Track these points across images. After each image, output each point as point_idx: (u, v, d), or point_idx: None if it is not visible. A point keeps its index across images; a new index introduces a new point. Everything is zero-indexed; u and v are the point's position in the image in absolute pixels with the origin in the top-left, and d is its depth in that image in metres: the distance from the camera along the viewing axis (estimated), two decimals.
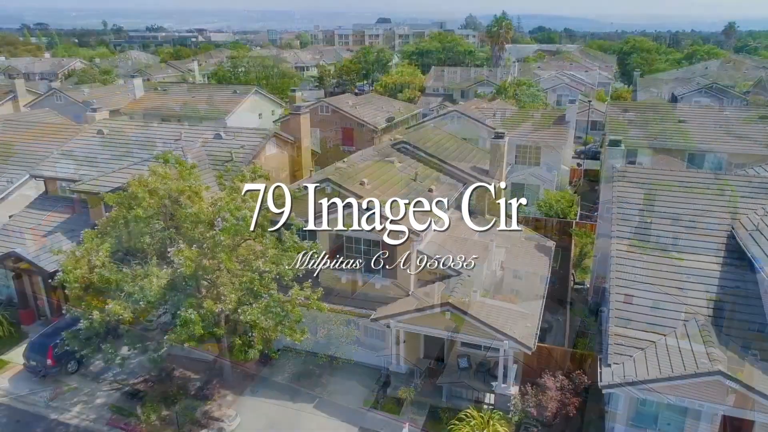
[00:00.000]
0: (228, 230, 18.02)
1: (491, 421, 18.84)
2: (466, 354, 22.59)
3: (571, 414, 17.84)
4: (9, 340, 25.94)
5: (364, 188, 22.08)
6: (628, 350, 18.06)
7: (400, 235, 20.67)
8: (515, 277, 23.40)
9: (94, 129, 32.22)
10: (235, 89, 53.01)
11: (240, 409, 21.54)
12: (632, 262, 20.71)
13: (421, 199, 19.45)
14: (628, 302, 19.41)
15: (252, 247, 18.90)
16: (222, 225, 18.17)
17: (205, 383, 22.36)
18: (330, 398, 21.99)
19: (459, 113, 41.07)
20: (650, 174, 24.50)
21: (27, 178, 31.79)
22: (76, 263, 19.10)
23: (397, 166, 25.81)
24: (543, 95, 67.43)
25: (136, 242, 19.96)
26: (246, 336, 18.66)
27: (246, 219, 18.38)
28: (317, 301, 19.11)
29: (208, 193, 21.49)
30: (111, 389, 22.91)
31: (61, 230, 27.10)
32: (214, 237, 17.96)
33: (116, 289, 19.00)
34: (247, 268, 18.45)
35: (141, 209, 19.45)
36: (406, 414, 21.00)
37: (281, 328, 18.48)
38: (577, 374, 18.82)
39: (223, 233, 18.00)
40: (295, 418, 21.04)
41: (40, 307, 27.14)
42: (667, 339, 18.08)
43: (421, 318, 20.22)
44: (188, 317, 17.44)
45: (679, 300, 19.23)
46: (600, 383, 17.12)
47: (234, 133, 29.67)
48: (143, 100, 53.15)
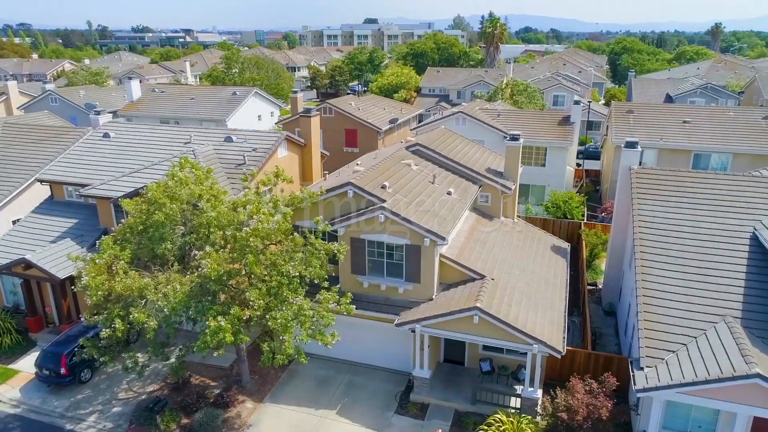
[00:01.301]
0: (259, 233, 17.69)
1: (521, 425, 18.68)
2: (489, 357, 22.47)
3: (604, 417, 17.70)
4: (17, 349, 25.35)
5: (386, 192, 21.81)
6: (660, 353, 17.99)
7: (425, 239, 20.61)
8: (537, 279, 23.26)
9: (100, 132, 31.58)
10: (234, 91, 52.41)
11: (261, 417, 21.18)
12: (658, 264, 20.69)
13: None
14: (657, 305, 19.36)
15: (279, 251, 18.56)
16: (251, 228, 17.81)
17: (224, 390, 21.96)
18: (353, 404, 21.69)
19: (464, 114, 40.92)
20: (668, 175, 24.51)
21: (30, 183, 31.11)
22: (98, 271, 18.64)
23: (414, 169, 25.58)
24: (540, 95, 67.58)
25: (156, 248, 19.55)
26: (274, 341, 18.28)
27: (280, 223, 18.10)
28: (347, 306, 18.83)
29: (224, 196, 21.19)
30: (127, 397, 22.43)
31: (71, 236, 26.50)
32: (244, 240, 17.60)
33: (139, 296, 18.61)
34: (274, 272, 18.11)
35: (162, 214, 19.08)
36: (431, 418, 20.79)
37: (312, 333, 18.15)
38: (607, 377, 18.69)
39: (252, 235, 17.66)
40: (319, 424, 20.71)
41: (48, 314, 26.53)
42: (698, 341, 18.04)
43: (447, 322, 19.99)
44: (218, 325, 17.08)
45: (707, 302, 19.23)
46: (635, 387, 17.01)
47: (246, 135, 29.24)
48: (141, 102, 52.37)
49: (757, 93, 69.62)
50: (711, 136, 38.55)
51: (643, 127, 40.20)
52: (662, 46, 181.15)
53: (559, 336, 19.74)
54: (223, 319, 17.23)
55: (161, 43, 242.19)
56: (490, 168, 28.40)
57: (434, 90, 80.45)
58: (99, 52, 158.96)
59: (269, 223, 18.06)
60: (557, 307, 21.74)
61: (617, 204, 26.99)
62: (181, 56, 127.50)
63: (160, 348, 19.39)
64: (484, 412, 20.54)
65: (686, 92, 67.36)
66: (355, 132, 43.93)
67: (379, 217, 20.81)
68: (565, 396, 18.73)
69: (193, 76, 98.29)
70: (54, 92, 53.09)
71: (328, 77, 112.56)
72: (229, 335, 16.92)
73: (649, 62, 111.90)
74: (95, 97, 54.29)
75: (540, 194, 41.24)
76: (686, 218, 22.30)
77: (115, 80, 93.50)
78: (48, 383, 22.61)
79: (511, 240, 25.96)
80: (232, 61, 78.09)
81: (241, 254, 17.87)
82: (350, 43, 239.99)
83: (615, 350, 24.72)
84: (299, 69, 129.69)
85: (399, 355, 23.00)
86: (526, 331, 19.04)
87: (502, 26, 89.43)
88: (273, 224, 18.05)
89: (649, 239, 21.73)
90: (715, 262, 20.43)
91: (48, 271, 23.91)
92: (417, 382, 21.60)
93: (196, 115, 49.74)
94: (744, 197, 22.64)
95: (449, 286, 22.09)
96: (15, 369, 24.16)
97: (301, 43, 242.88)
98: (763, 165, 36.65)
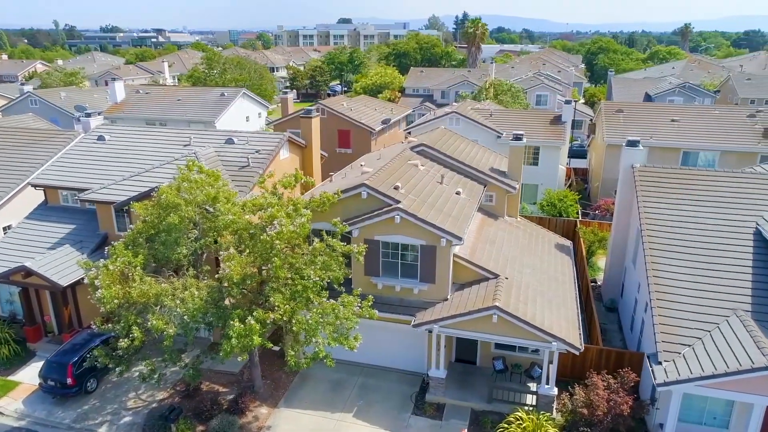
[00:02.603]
0: (284, 236, 17.49)
1: (542, 423, 18.86)
2: (501, 356, 22.63)
3: (625, 413, 17.99)
4: (16, 360, 24.57)
5: (399, 193, 21.78)
6: (676, 347, 18.38)
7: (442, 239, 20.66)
8: (547, 277, 23.53)
9: (94, 135, 30.80)
10: (222, 92, 51.67)
11: (277, 422, 20.95)
12: (667, 261, 21.12)
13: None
14: (669, 300, 19.76)
15: (300, 254, 18.38)
16: (276, 232, 17.59)
17: (238, 396, 21.65)
18: (368, 406, 21.61)
19: (458, 114, 41.14)
20: (670, 173, 25.05)
21: (21, 188, 30.19)
22: (112, 277, 18.19)
23: (421, 169, 25.62)
24: (524, 95, 68.34)
25: (170, 253, 19.18)
26: (298, 344, 18.11)
27: (304, 226, 17.94)
28: (369, 309, 18.75)
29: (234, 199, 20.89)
30: (136, 406, 21.95)
31: (69, 242, 25.78)
32: (268, 243, 17.39)
33: (155, 303, 18.23)
34: (297, 275, 17.94)
35: (177, 216, 18.73)
36: (448, 418, 20.85)
37: (337, 336, 18.02)
38: (626, 373, 19.01)
39: (278, 238, 17.46)
40: (337, 427, 20.58)
41: (47, 323, 25.77)
42: (712, 335, 18.48)
43: (465, 322, 20.07)
44: (243, 327, 16.83)
45: (718, 296, 19.72)
46: (655, 381, 17.34)
47: (247, 137, 28.86)
48: (125, 104, 51.25)
49: (732, 92, 71.74)
50: (699, 134, 39.54)
51: (634, 126, 41.00)
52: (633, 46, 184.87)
53: (576, 333, 20.00)
54: (252, 319, 16.97)
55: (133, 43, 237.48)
56: (493, 168, 28.61)
57: (418, 90, 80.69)
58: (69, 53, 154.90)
59: (292, 226, 17.85)
60: (569, 305, 22.02)
61: (618, 201, 27.46)
62: (157, 57, 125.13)
63: (177, 355, 19.02)
64: (501, 410, 20.70)
65: (665, 91, 68.95)
66: (348, 133, 43.75)
67: (396, 218, 20.78)
68: (585, 392, 18.98)
69: (171, 76, 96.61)
70: (34, 94, 51.59)
71: (308, 77, 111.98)
72: (257, 338, 16.70)
73: (624, 62, 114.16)
74: (77, 99, 52.93)
75: (533, 193, 41.68)
76: (691, 215, 22.82)
77: (91, 81, 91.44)
78: (53, 394, 21.96)
79: (517, 239, 26.20)
80: (213, 62, 77.06)
81: (265, 258, 17.63)
82: (326, 43, 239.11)
83: (620, 346, 25.14)
84: (278, 69, 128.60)
85: (411, 356, 23.00)
86: (544, 328, 19.23)
87: (483, 26, 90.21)
88: (296, 227, 17.86)
89: (657, 236, 22.17)
90: (722, 257, 20.97)
91: (50, 279, 23.22)
92: (433, 382, 21.62)
93: (183, 116, 48.91)
94: (745, 194, 23.28)
95: (462, 285, 22.18)
96: (15, 381, 23.40)
97: (277, 44, 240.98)
98: (749, 162, 37.83)
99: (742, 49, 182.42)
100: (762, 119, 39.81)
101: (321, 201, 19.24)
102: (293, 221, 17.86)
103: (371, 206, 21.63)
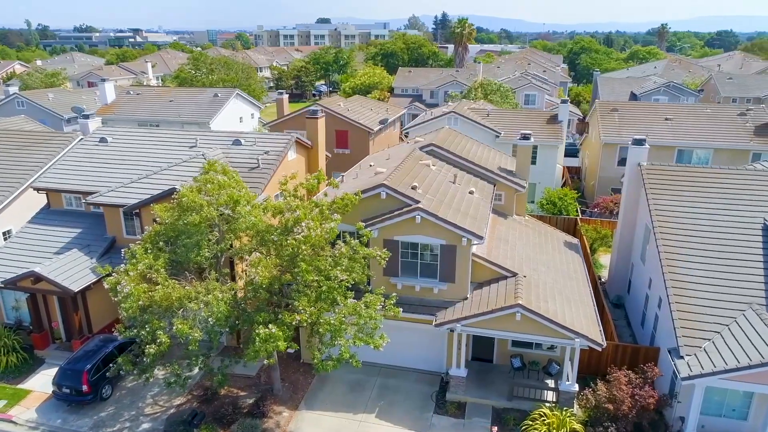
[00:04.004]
0: (310, 240, 17.41)
1: (565, 419, 19.11)
2: (519, 354, 22.84)
3: (652, 407, 18.33)
4: (24, 367, 24.03)
5: (417, 192, 21.85)
6: (697, 342, 18.77)
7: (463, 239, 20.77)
8: (562, 275, 23.82)
9: (95, 137, 30.24)
10: (216, 92, 51.11)
11: (300, 425, 20.84)
12: (681, 257, 21.54)
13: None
14: (686, 296, 20.17)
15: (326, 256, 18.32)
16: (303, 236, 17.49)
17: (258, 399, 21.47)
18: (390, 407, 21.63)
19: (457, 114, 41.38)
20: (677, 171, 25.54)
21: (21, 191, 29.51)
22: (136, 281, 17.90)
23: (433, 169, 25.72)
24: (513, 95, 68.96)
25: (192, 256, 18.95)
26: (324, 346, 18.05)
27: (333, 230, 17.87)
28: (393, 308, 18.78)
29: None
30: (154, 412, 21.63)
31: (76, 246, 25.27)
32: (295, 247, 17.29)
33: (179, 307, 18.00)
34: (323, 276, 17.87)
35: (198, 216, 18.51)
36: (471, 417, 20.98)
37: (362, 336, 18.01)
38: (649, 367, 19.35)
39: (306, 242, 17.37)
40: (361, 429, 20.56)
41: (54, 329, 25.23)
42: (731, 328, 18.91)
43: (487, 320, 20.22)
44: (268, 332, 16.73)
45: (733, 291, 20.19)
46: (680, 375, 17.69)
47: (255, 138, 28.63)
48: (116, 105, 50.36)
49: (714, 91, 73.37)
50: (692, 132, 40.40)
51: (629, 124, 41.71)
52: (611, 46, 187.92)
53: (596, 329, 20.29)
54: (274, 326, 16.88)
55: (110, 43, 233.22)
56: (500, 167, 28.85)
57: (407, 90, 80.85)
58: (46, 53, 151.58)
59: (319, 230, 17.75)
60: (586, 302, 22.33)
61: (624, 199, 27.92)
62: (138, 57, 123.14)
63: (203, 360, 18.80)
64: (522, 407, 20.92)
65: (650, 91, 70.17)
66: (346, 133, 43.60)
67: (416, 218, 20.83)
68: (608, 388, 19.27)
69: (155, 77, 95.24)
70: (21, 95, 50.37)
71: (293, 77, 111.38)
72: (282, 342, 16.60)
73: (606, 62, 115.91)
74: (65, 100, 51.86)
75: (531, 192, 42.01)
76: (701, 212, 23.30)
77: (73, 82, 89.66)
78: (68, 402, 21.53)
79: (528, 237, 26.47)
80: (200, 62, 76.19)
81: (291, 262, 17.53)
82: (307, 43, 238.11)
83: (630, 341, 25.56)
84: (261, 69, 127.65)
85: (429, 356, 23.10)
86: (567, 325, 19.48)
87: (470, 26, 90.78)
88: (325, 231, 17.78)
89: (670, 233, 22.59)
90: (734, 252, 21.46)
91: (61, 284, 22.74)
92: (453, 381, 21.73)
93: (177, 117, 48.26)
94: (751, 190, 23.85)
95: (480, 284, 22.34)
96: (26, 389, 22.87)
97: (257, 44, 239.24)
98: (742, 159, 38.79)
99: (717, 49, 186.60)
100: (752, 117, 40.83)
101: (344, 203, 19.19)
102: (322, 225, 17.78)
103: (389, 206, 21.65)
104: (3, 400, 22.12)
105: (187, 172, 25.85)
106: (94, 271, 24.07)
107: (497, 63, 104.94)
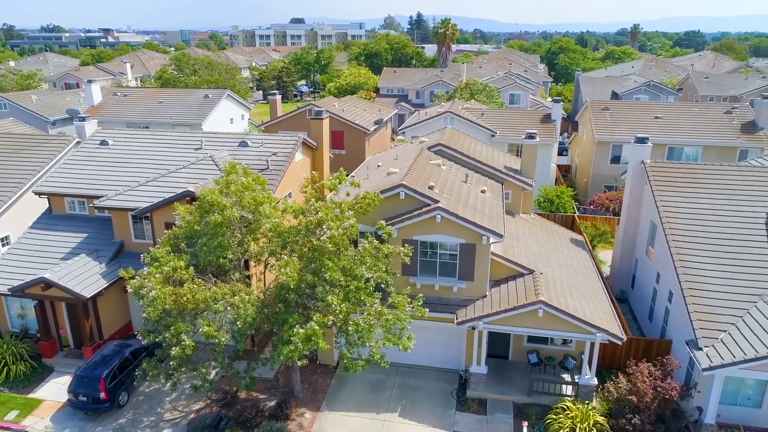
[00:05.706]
0: (335, 239, 17.44)
1: (588, 412, 19.50)
2: (535, 349, 23.20)
3: (674, 398, 18.83)
4: (33, 376, 23.47)
5: (434, 192, 22.03)
6: (714, 333, 19.36)
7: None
8: (575, 271, 24.27)
9: (95, 139, 29.64)
10: (206, 93, 50.49)
11: (324, 426, 20.83)
12: (692, 251, 22.17)
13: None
14: (700, 289, 20.77)
15: (349, 256, 18.37)
16: (329, 236, 17.50)
17: (280, 401, 21.37)
18: (412, 406, 21.76)
19: (452, 114, 41.73)
20: (681, 168, 26.25)
21: (20, 196, 28.76)
22: (161, 284, 17.67)
23: (443, 168, 25.93)
24: (498, 94, 69.77)
25: (214, 257, 18.80)
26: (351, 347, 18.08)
27: (353, 227, 17.91)
28: (420, 308, 18.92)
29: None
30: (173, 418, 21.35)
31: (84, 251, 24.74)
32: (323, 247, 17.30)
33: (204, 309, 17.86)
34: (349, 276, 17.92)
35: (220, 216, 18.37)
36: (493, 413, 21.26)
37: (391, 337, 18.10)
38: (668, 360, 19.87)
39: (329, 242, 17.39)
40: (385, 428, 20.64)
41: (62, 337, 24.67)
42: (745, 319, 19.57)
43: (508, 318, 20.51)
44: (303, 334, 16.71)
45: (743, 283, 20.87)
46: (701, 366, 18.23)
47: (262, 140, 28.43)
48: (104, 107, 49.33)
49: (692, 90, 75.44)
50: (682, 130, 41.49)
51: (620, 123, 42.63)
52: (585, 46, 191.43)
53: (615, 323, 20.76)
54: (314, 323, 16.85)
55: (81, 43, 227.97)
56: (506, 166, 29.23)
57: (392, 90, 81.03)
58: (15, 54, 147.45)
59: (341, 228, 17.80)
60: (600, 296, 22.82)
61: (627, 196, 28.55)
62: (114, 57, 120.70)
63: (229, 364, 18.66)
64: (542, 402, 21.29)
65: (631, 90, 71.71)
66: (342, 134, 43.63)
67: (437, 217, 21.01)
68: (627, 380, 19.73)
69: (134, 78, 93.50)
70: (3, 97, 48.95)
71: (274, 78, 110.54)
72: (323, 342, 16.60)
73: (584, 62, 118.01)
74: (50, 102, 50.61)
75: None
76: (706, 207, 24.01)
77: (49, 83, 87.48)
78: (84, 410, 21.09)
79: (537, 235, 26.89)
80: (183, 63, 75.14)
81: (319, 262, 17.52)
82: (283, 43, 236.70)
83: (637, 334, 26.18)
84: (241, 70, 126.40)
85: (447, 354, 23.31)
86: (587, 320, 19.89)
87: (453, 27, 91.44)
88: (345, 230, 17.83)
89: (678, 228, 23.22)
90: (741, 246, 22.19)
91: (72, 290, 22.24)
92: (474, 378, 21.98)
93: (168, 119, 47.53)
94: (753, 186, 24.67)
95: (497, 282, 22.63)
96: (37, 398, 22.33)
97: (233, 44, 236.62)
98: (730, 156, 40.01)
99: (687, 49, 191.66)
100: (738, 115, 42.14)
101: (366, 202, 19.25)
102: (342, 224, 17.81)
103: (407, 206, 21.78)
104: (15, 411, 21.57)
105: (196, 174, 25.58)
106: (105, 276, 23.65)
107: (478, 63, 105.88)
